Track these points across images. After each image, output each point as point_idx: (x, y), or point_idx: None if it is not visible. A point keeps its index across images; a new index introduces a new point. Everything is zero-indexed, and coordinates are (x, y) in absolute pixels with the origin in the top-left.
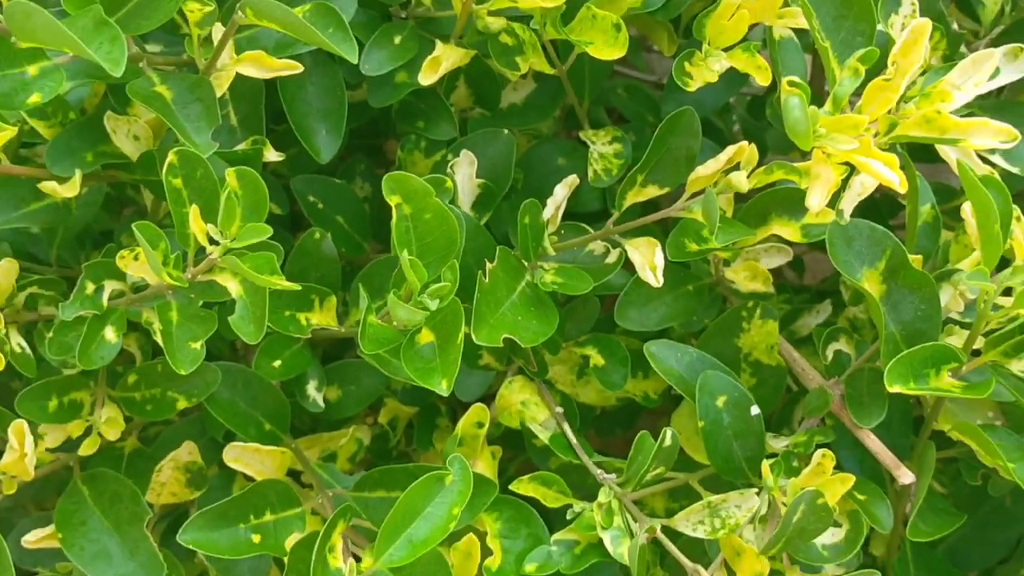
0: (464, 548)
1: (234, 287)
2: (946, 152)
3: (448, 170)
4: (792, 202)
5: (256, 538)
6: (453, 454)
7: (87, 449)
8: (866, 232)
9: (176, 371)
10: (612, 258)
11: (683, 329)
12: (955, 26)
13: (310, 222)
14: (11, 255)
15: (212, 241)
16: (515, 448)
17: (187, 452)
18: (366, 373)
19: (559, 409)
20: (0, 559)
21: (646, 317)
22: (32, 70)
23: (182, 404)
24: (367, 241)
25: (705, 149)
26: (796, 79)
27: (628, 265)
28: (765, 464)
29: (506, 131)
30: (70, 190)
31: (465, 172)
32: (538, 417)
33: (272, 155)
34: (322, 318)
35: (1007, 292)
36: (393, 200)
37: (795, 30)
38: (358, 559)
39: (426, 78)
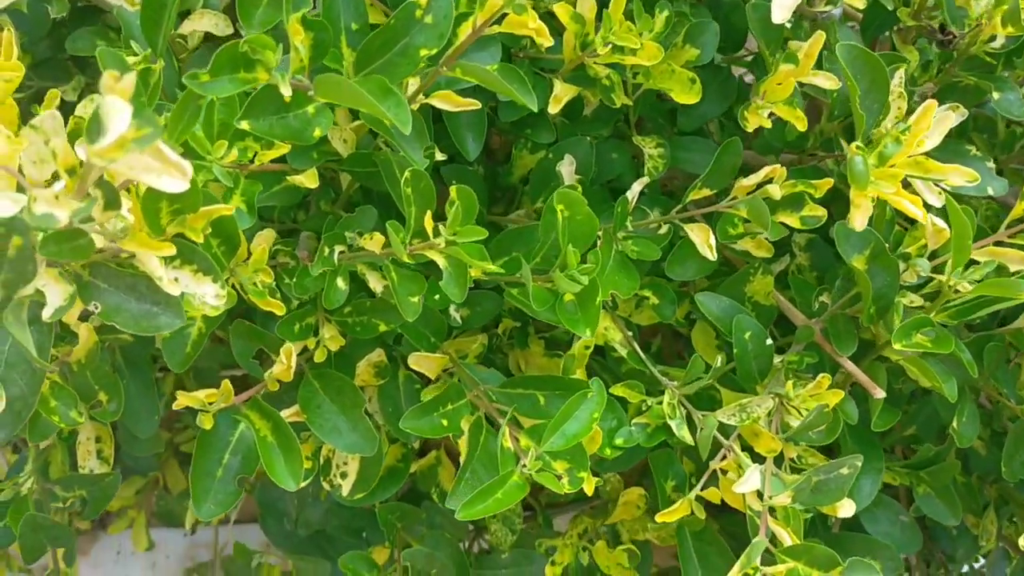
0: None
1: (441, 261)
2: (916, 183)
3: (557, 168)
4: (795, 201)
5: (444, 422)
6: (594, 378)
7: (319, 357)
8: (858, 231)
9: (404, 318)
10: (663, 231)
11: (703, 278)
12: None
13: None
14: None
15: (436, 232)
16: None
17: (377, 355)
18: (488, 299)
19: (628, 333)
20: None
21: (685, 270)
22: (311, 109)
23: (382, 328)
24: (485, 207)
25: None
26: (861, 144)
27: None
28: (789, 384)
29: (588, 138)
30: (311, 181)
31: (567, 170)
32: (615, 338)
33: (439, 155)
34: None
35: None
36: (558, 207)
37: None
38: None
39: (554, 108)
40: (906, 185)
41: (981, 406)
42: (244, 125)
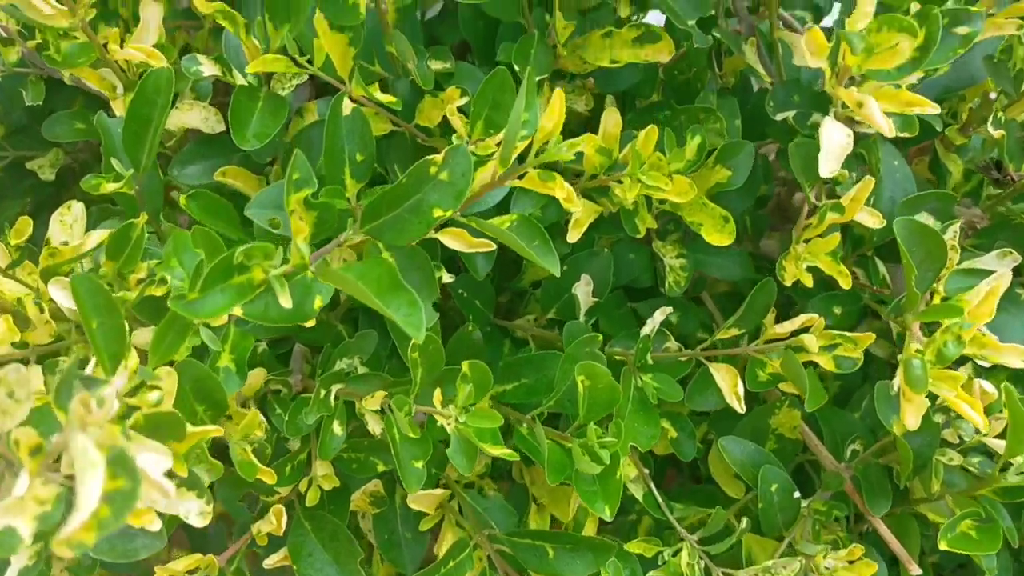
0: None
1: (450, 428)
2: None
3: (573, 291)
4: (831, 345)
5: None
6: (611, 560)
7: (311, 500)
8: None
9: (408, 490)
10: (684, 358)
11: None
12: None
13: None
14: None
15: (444, 404)
16: None
17: (374, 485)
18: None
19: (646, 471)
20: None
21: (706, 401)
22: (309, 273)
23: (380, 468)
24: (491, 313)
25: None
26: (919, 346)
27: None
28: (820, 555)
29: (605, 250)
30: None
31: (583, 290)
32: (629, 475)
33: (447, 278)
34: None
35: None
36: (579, 378)
37: None
38: None
39: (573, 236)
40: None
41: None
42: (238, 311)
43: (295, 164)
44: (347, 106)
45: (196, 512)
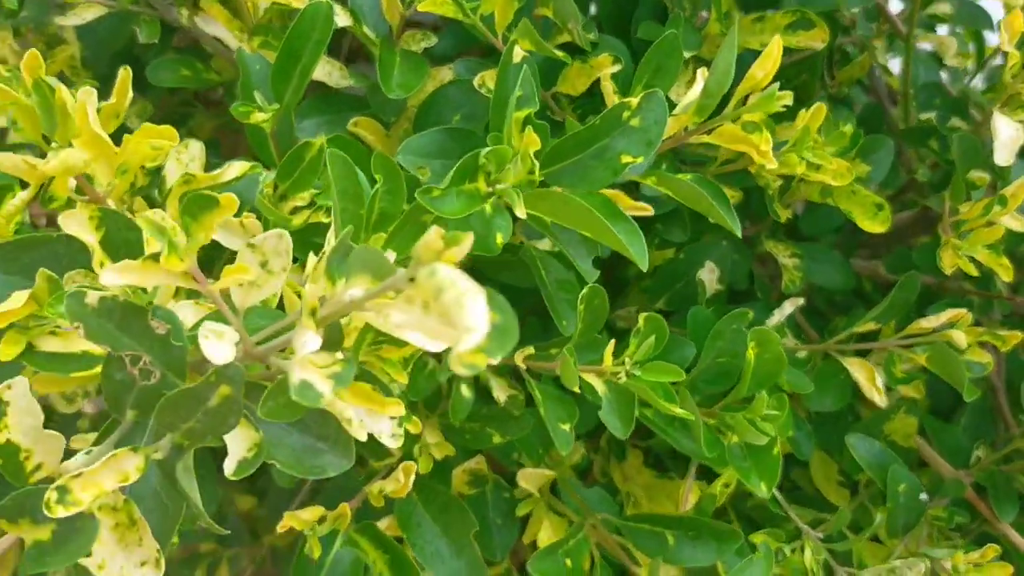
0: None
1: (600, 387)
2: None
3: (698, 276)
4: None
5: (568, 562)
6: (762, 543)
7: (424, 468)
8: None
9: (560, 451)
10: (802, 354)
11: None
12: None
13: None
14: None
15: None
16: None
17: (475, 462)
18: (586, 409)
19: None
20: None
21: (825, 400)
22: (488, 208)
23: (496, 440)
24: None
25: None
26: None
27: None
28: (959, 555)
29: (724, 241)
30: None
31: (708, 276)
32: None
33: None
34: None
35: None
36: (751, 344)
37: None
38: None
39: None
40: None
41: None
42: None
43: (522, 82)
44: (517, 54)
45: (388, 433)
